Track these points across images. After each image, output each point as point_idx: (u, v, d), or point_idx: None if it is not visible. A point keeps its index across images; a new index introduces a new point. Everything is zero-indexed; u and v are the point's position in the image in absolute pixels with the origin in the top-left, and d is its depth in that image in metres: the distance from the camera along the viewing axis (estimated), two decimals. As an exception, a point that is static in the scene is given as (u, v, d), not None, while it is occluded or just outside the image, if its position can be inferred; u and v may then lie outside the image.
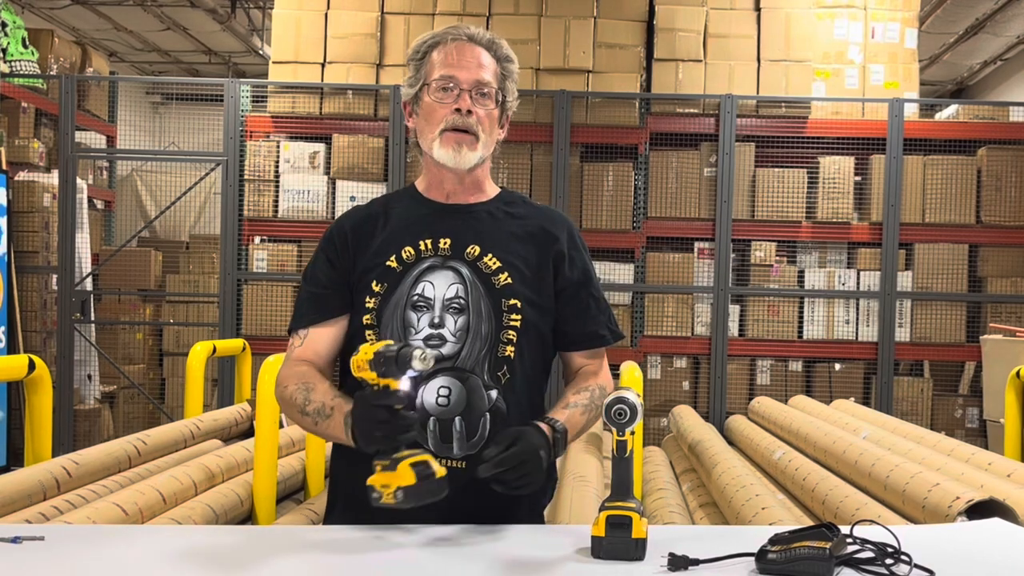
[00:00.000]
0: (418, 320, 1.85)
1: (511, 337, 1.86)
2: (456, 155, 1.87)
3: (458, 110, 1.86)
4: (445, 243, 1.89)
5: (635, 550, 1.54)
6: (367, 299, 1.88)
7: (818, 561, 1.46)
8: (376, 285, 1.88)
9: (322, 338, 1.91)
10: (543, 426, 1.76)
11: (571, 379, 2.00)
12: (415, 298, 1.86)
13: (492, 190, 2.00)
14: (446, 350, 1.83)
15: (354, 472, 1.74)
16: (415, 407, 1.68)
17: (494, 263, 1.88)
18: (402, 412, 1.58)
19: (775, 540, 1.51)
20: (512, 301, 1.87)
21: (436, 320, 1.84)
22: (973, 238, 6.42)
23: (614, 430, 1.61)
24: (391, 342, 1.63)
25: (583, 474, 3.81)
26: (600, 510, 1.56)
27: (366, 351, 1.61)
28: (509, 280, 1.87)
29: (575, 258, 1.96)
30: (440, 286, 1.86)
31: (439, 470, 1.59)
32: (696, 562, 1.51)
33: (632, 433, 1.61)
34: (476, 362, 1.84)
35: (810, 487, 3.44)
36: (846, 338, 6.37)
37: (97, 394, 7.06)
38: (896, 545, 1.54)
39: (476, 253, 1.88)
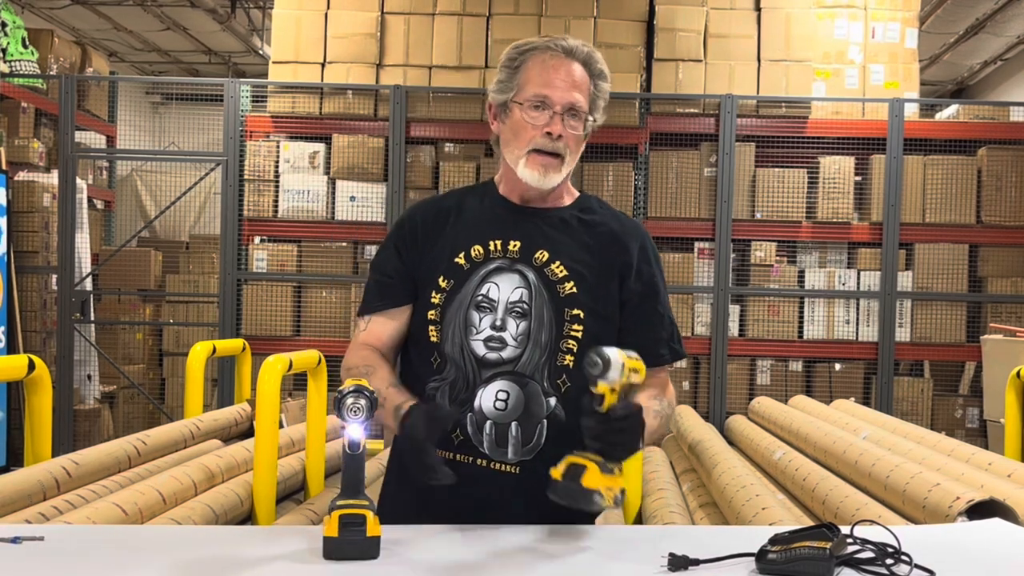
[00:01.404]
0: (480, 320, 1.85)
1: (571, 347, 1.85)
2: (541, 178, 1.86)
3: (549, 133, 1.84)
4: (515, 246, 1.88)
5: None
6: (433, 294, 1.88)
7: (818, 561, 1.46)
8: (443, 281, 1.87)
9: (385, 326, 1.92)
10: None
11: None
12: (479, 298, 1.85)
13: (570, 196, 1.98)
14: (506, 354, 1.84)
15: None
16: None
17: (561, 271, 1.87)
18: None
19: (775, 540, 1.51)
20: (575, 311, 1.86)
21: (498, 323, 1.84)
22: (973, 238, 6.42)
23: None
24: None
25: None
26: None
27: None
28: (574, 289, 1.86)
29: (643, 270, 1.94)
30: (505, 289, 1.86)
31: (372, 527, 1.56)
32: (696, 562, 1.51)
33: (614, 391, 1.60)
34: (536, 368, 1.84)
35: (810, 487, 3.44)
36: (846, 338, 6.37)
37: (97, 394, 7.06)
38: (896, 545, 1.54)
39: (544, 259, 1.87)
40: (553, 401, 1.84)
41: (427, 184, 6.46)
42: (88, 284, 6.77)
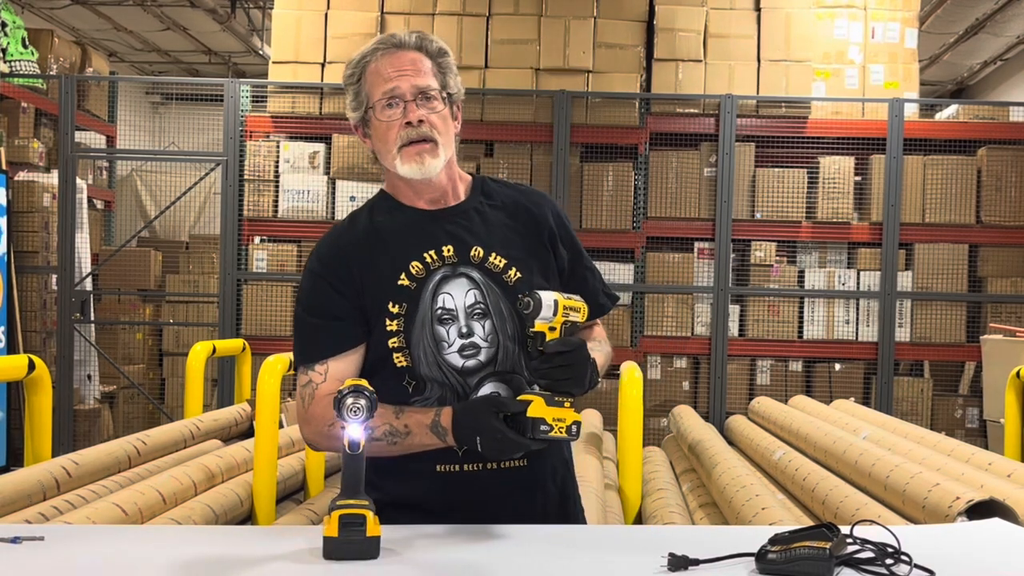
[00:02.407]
0: (447, 333, 1.83)
1: None
2: (420, 167, 1.84)
3: (409, 123, 1.83)
4: (448, 251, 1.86)
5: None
6: (388, 322, 1.83)
7: (818, 561, 1.46)
8: (394, 307, 1.83)
9: (344, 369, 1.83)
10: None
11: None
12: (439, 312, 1.83)
13: (467, 181, 1.98)
14: (483, 357, 1.83)
15: (399, 477, 1.81)
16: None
17: (500, 261, 1.88)
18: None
19: (775, 540, 1.51)
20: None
21: (464, 330, 1.83)
22: (973, 238, 6.42)
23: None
24: None
25: (582, 474, 3.80)
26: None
27: None
28: (519, 274, 1.88)
29: (564, 236, 1.98)
30: (458, 295, 1.85)
31: (372, 527, 1.56)
32: (696, 562, 1.51)
33: (553, 330, 1.69)
34: (514, 362, 1.85)
35: (810, 487, 3.44)
36: (846, 338, 6.37)
37: (97, 394, 7.06)
38: (896, 545, 1.54)
39: (480, 255, 1.88)
40: (538, 388, 1.84)
41: (427, 184, 6.44)
42: (88, 284, 6.77)
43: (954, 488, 2.69)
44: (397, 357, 1.83)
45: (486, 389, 1.83)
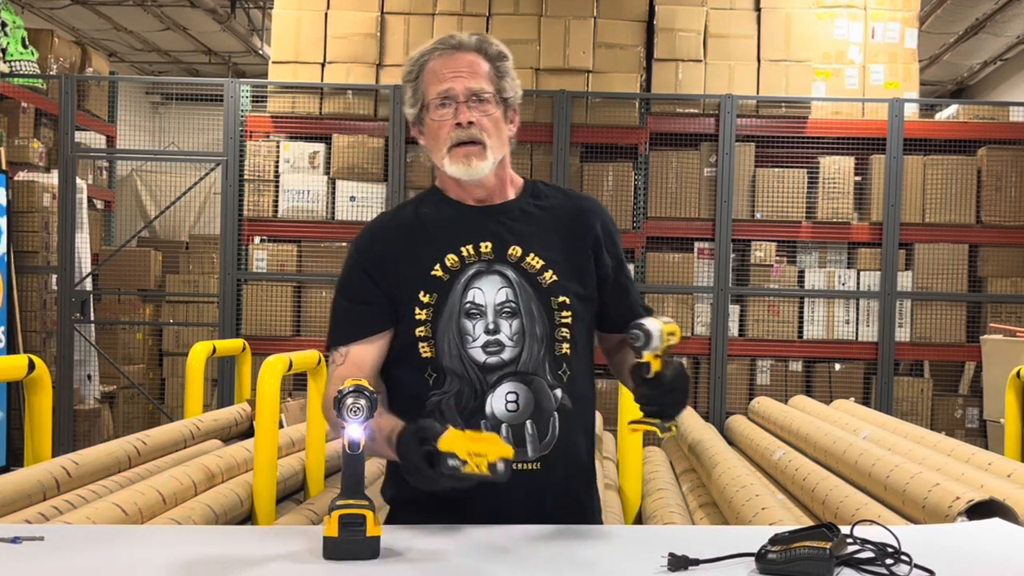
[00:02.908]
0: (473, 328, 1.85)
1: (565, 335, 1.87)
2: (467, 168, 1.87)
3: (459, 124, 1.85)
4: (486, 247, 1.88)
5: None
6: (417, 311, 1.86)
7: (818, 561, 1.46)
8: (425, 296, 1.86)
9: (365, 355, 1.87)
10: None
11: (613, 353, 2.04)
12: (467, 306, 1.85)
13: (515, 187, 1.99)
14: (506, 355, 1.84)
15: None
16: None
17: (537, 262, 1.88)
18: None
19: (775, 540, 1.51)
20: (561, 299, 1.88)
21: (491, 326, 1.85)
22: (973, 238, 6.42)
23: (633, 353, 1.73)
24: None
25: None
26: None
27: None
28: (555, 277, 1.88)
29: (609, 245, 1.98)
30: (489, 292, 1.86)
31: (372, 527, 1.53)
32: (696, 562, 1.51)
33: (658, 357, 1.70)
34: (537, 364, 1.85)
35: (810, 487, 3.44)
36: (846, 338, 6.37)
37: (97, 394, 7.06)
38: (896, 545, 1.54)
39: (518, 254, 1.88)
40: (560, 392, 1.86)
41: (427, 184, 6.41)
42: (88, 284, 6.77)
43: (954, 488, 2.69)
44: (422, 347, 1.85)
45: (503, 388, 1.83)
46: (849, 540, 1.56)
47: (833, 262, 6.49)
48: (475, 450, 1.50)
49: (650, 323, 1.69)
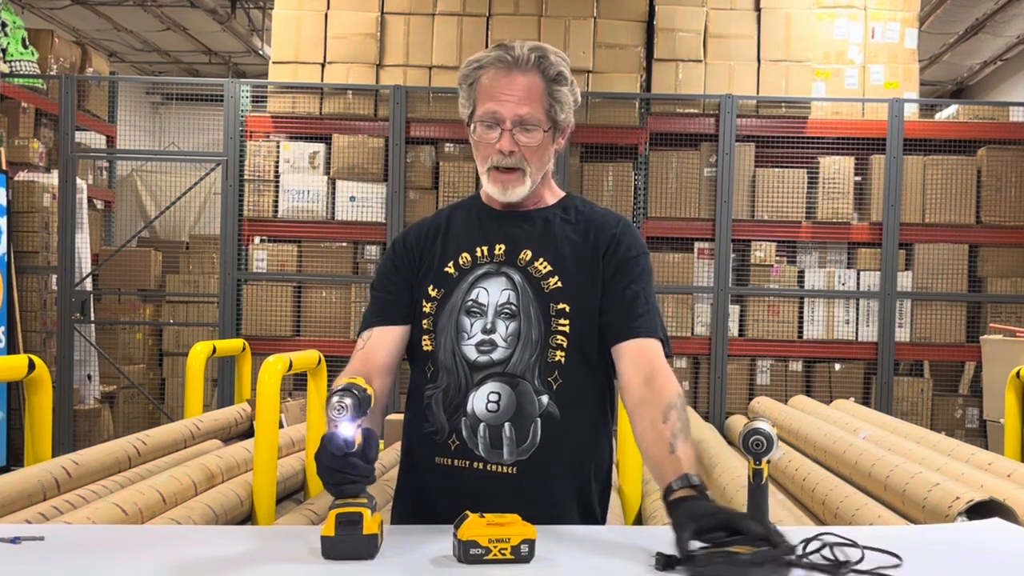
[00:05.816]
0: (471, 325, 1.86)
1: (560, 342, 1.85)
2: (503, 192, 1.89)
3: (501, 151, 1.86)
4: (500, 249, 1.90)
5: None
6: (424, 304, 1.91)
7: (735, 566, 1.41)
8: (433, 290, 1.90)
9: (382, 342, 1.92)
10: (691, 492, 1.62)
11: (627, 386, 1.83)
12: (469, 304, 1.88)
13: (554, 196, 1.99)
14: (496, 355, 1.84)
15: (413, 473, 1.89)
16: (364, 456, 1.56)
17: (544, 267, 1.88)
18: (352, 460, 1.52)
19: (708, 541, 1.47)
20: (560, 306, 1.85)
21: (488, 326, 1.86)
22: (973, 238, 6.42)
23: (751, 459, 1.66)
24: (356, 380, 1.60)
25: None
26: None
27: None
28: (559, 284, 1.87)
29: (614, 252, 1.90)
30: (493, 292, 1.88)
31: (369, 526, 1.52)
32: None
33: (768, 462, 1.65)
34: (527, 367, 1.84)
35: (810, 487, 3.44)
36: (846, 338, 6.37)
37: (97, 394, 7.06)
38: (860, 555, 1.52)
39: (527, 258, 1.89)
40: (546, 399, 1.84)
41: (427, 184, 6.46)
42: (88, 284, 6.77)
43: (954, 488, 2.69)
44: (425, 340, 1.90)
45: (486, 388, 1.83)
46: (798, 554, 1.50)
47: (833, 262, 6.49)
48: (496, 535, 1.50)
49: (770, 429, 1.59)
